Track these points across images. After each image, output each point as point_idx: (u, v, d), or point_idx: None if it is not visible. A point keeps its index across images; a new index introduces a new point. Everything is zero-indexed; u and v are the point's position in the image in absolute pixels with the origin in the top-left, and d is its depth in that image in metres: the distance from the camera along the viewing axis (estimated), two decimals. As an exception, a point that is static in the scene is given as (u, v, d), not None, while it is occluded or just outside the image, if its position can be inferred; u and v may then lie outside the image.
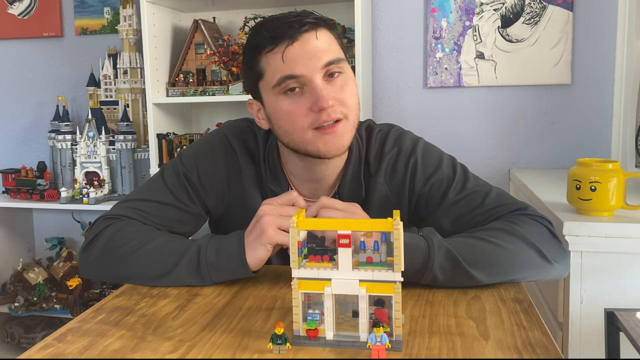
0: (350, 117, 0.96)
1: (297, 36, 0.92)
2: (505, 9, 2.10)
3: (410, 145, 1.07)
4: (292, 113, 0.94)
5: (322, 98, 0.91)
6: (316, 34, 0.93)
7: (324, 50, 0.93)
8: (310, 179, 1.06)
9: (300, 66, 0.92)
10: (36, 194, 2.26)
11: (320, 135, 0.94)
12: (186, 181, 1.05)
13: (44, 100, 2.59)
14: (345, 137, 0.96)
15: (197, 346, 0.71)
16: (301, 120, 0.94)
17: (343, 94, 0.94)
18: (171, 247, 0.93)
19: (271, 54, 0.94)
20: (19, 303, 2.33)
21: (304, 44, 0.92)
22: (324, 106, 0.91)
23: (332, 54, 0.94)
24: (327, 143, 0.94)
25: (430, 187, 1.03)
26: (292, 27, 0.92)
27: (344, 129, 0.95)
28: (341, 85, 0.95)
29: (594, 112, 2.07)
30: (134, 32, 2.32)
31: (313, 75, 0.92)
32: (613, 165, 1.27)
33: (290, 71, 0.92)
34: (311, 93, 0.92)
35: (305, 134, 0.95)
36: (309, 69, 0.92)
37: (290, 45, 0.92)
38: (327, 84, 0.94)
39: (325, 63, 0.93)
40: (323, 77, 0.93)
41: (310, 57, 0.92)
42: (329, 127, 0.93)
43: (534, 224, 0.94)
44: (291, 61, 0.92)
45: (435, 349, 0.68)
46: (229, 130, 1.10)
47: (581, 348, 1.29)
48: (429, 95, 2.21)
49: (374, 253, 0.69)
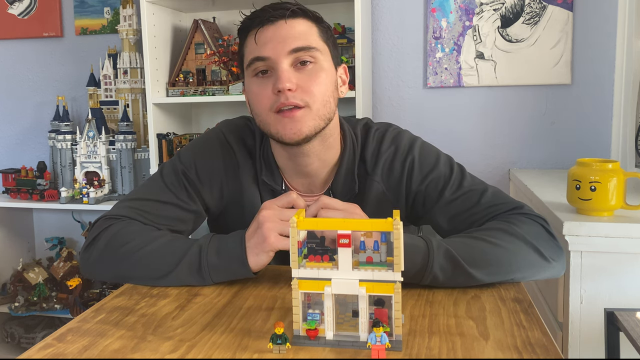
0: (314, 106, 0.96)
1: (270, 19, 0.96)
2: (505, 9, 2.10)
3: (407, 144, 1.07)
4: (258, 94, 0.97)
5: (280, 79, 0.93)
6: (289, 20, 0.96)
7: (295, 36, 0.95)
8: (299, 172, 1.06)
9: (268, 48, 0.95)
10: (36, 194, 2.27)
11: (280, 119, 0.96)
12: (185, 179, 1.06)
13: (44, 100, 2.59)
14: (305, 125, 0.96)
15: (197, 346, 0.71)
16: (265, 101, 0.97)
17: (309, 82, 0.96)
18: (172, 247, 0.94)
19: (249, 36, 0.98)
20: (19, 303, 2.33)
21: (276, 28, 0.96)
22: (281, 87, 0.93)
23: (304, 41, 0.96)
24: (285, 127, 0.96)
25: (427, 186, 1.04)
26: (267, 12, 0.96)
27: (302, 116, 0.96)
28: (310, 74, 0.97)
29: (594, 112, 2.07)
30: (134, 32, 2.32)
31: (278, 59, 0.94)
32: (613, 165, 1.27)
33: (259, 52, 0.96)
34: (275, 75, 0.95)
35: (268, 116, 0.97)
36: (276, 52, 0.95)
37: (262, 27, 0.96)
38: (295, 70, 0.96)
39: (293, 48, 0.95)
40: (293, 64, 0.96)
41: (280, 41, 0.95)
42: (288, 112, 0.95)
43: (531, 223, 0.94)
44: (262, 43, 0.96)
45: (435, 348, 0.68)
46: (226, 128, 1.11)
47: (581, 348, 1.29)
48: (429, 95, 2.21)
49: (374, 253, 0.69)
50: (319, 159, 1.04)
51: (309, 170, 1.05)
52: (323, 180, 1.07)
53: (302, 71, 0.96)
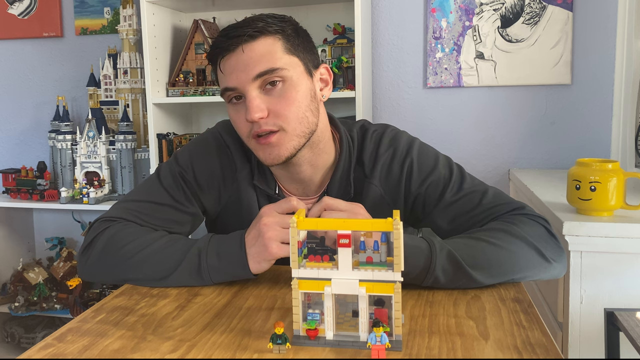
0: (288, 127, 0.95)
1: (230, 47, 0.94)
2: (505, 9, 2.10)
3: (405, 146, 1.06)
4: (236, 121, 0.98)
5: (250, 111, 0.93)
6: (245, 46, 0.93)
7: (257, 60, 0.93)
8: (293, 180, 1.06)
9: (233, 78, 0.94)
10: (36, 194, 2.27)
11: (259, 145, 0.97)
12: (182, 181, 1.05)
13: (44, 100, 2.59)
14: (283, 148, 0.96)
15: (197, 346, 0.71)
16: (243, 128, 0.97)
17: (279, 105, 0.94)
18: (171, 249, 0.93)
19: (219, 64, 0.97)
20: (19, 303, 2.33)
21: (238, 54, 0.94)
22: (250, 119, 0.93)
23: (266, 64, 0.92)
24: (264, 152, 0.97)
25: (426, 188, 1.04)
26: (224, 40, 0.94)
27: (279, 140, 0.95)
28: (279, 95, 0.94)
29: (594, 112, 2.07)
30: (134, 32, 2.32)
31: (244, 87, 0.93)
32: (613, 165, 1.27)
33: (227, 83, 0.95)
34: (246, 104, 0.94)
35: (249, 142, 0.99)
36: (241, 81, 0.93)
37: (223, 57, 0.95)
38: (264, 93, 0.94)
39: (256, 74, 0.93)
40: (261, 87, 0.94)
41: (242, 69, 0.93)
42: (264, 138, 0.95)
43: (532, 224, 0.94)
44: (228, 73, 0.95)
45: (435, 348, 0.68)
46: (223, 129, 1.11)
47: (581, 348, 1.29)
48: (429, 95, 2.21)
49: (374, 253, 0.69)
50: (310, 166, 1.04)
51: (302, 177, 1.05)
52: (317, 184, 1.07)
53: (271, 93, 0.94)
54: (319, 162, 1.04)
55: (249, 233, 0.91)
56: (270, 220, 0.88)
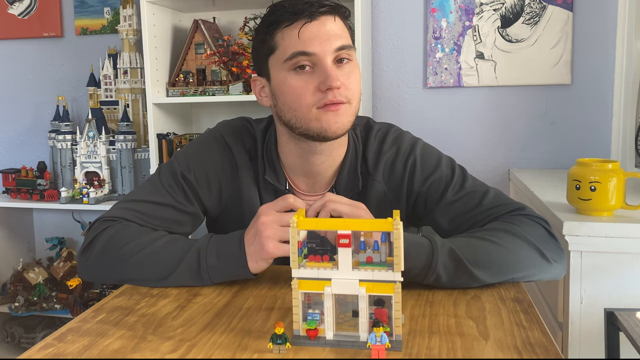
0: (353, 102, 0.98)
1: (316, 16, 0.95)
2: (505, 9, 2.10)
3: (409, 145, 1.07)
4: (299, 89, 0.96)
5: (332, 77, 0.93)
6: (335, 17, 0.97)
7: (338, 35, 0.96)
8: (306, 171, 1.06)
9: (315, 45, 0.94)
10: (36, 194, 2.27)
11: (324, 113, 0.96)
12: (183, 181, 1.05)
13: (44, 100, 2.59)
14: (346, 120, 0.97)
15: (197, 346, 0.71)
16: (308, 97, 0.96)
17: (349, 80, 0.97)
18: (170, 249, 0.93)
19: (288, 29, 0.96)
20: (19, 303, 2.33)
21: (321, 24, 0.95)
22: (332, 85, 0.93)
23: (345, 39, 0.97)
24: (329, 120, 0.96)
25: (428, 187, 1.04)
26: (312, 7, 0.95)
27: (345, 111, 0.97)
28: (348, 71, 0.98)
29: (594, 112, 2.07)
30: (134, 32, 2.32)
31: (325, 56, 0.95)
32: (613, 165, 1.27)
33: (304, 47, 0.94)
34: (320, 72, 0.95)
35: (310, 112, 0.96)
36: (323, 49, 0.94)
37: (309, 23, 0.95)
38: (335, 67, 0.96)
39: (338, 47, 0.95)
40: (333, 61, 0.96)
41: (326, 38, 0.95)
42: (333, 106, 0.95)
43: (532, 224, 0.95)
44: (307, 38, 0.95)
45: (435, 348, 0.68)
46: (224, 129, 1.11)
47: (581, 348, 1.29)
48: (429, 95, 2.21)
49: (374, 253, 0.69)
50: (329, 157, 1.04)
51: (319, 169, 1.05)
52: (328, 179, 1.07)
53: (341, 68, 0.97)
54: (336, 154, 1.05)
55: (247, 232, 0.91)
56: (267, 219, 0.88)
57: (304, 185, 1.08)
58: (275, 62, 0.98)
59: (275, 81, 0.99)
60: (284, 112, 0.99)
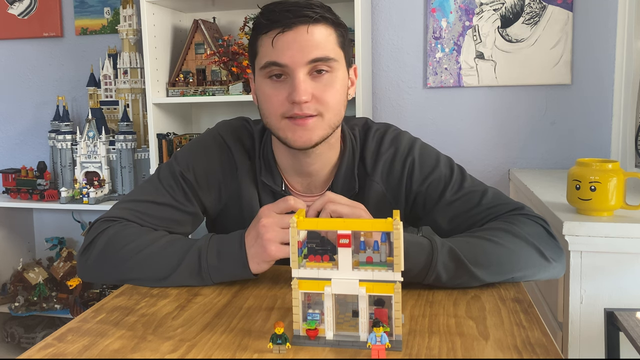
0: (326, 115, 0.96)
1: (291, 25, 0.93)
2: (505, 9, 2.10)
3: (407, 145, 1.07)
4: (271, 97, 0.96)
5: (298, 92, 0.92)
6: (310, 27, 0.93)
7: (315, 45, 0.93)
8: (300, 172, 1.06)
9: (286, 56, 0.93)
10: (36, 194, 2.27)
11: (291, 125, 0.96)
12: (182, 180, 1.05)
13: (44, 100, 2.59)
14: (315, 134, 0.96)
15: (197, 346, 0.71)
16: (277, 106, 0.96)
17: (324, 93, 0.95)
18: (171, 249, 0.93)
19: (265, 36, 0.95)
20: (19, 303, 2.33)
21: (296, 34, 0.93)
22: (297, 100, 0.93)
23: (322, 51, 0.94)
24: (295, 134, 0.96)
25: (427, 187, 1.04)
26: (288, 16, 0.93)
27: (315, 125, 0.96)
28: (325, 84, 0.96)
29: (594, 112, 2.07)
30: (134, 32, 2.32)
31: (296, 68, 0.93)
32: (613, 165, 1.27)
33: (276, 58, 0.94)
34: (291, 83, 0.94)
35: (278, 121, 0.97)
36: (294, 61, 0.93)
37: (281, 33, 0.93)
38: (310, 79, 0.95)
39: (311, 59, 0.93)
40: (309, 72, 0.94)
41: (299, 49, 0.93)
42: (300, 120, 0.95)
43: (531, 224, 0.95)
44: (279, 49, 0.93)
45: (435, 348, 0.68)
46: (223, 128, 1.11)
47: (581, 348, 1.29)
48: (429, 95, 2.21)
49: (374, 253, 0.69)
50: (321, 159, 1.04)
51: (311, 170, 1.05)
52: (323, 179, 1.07)
53: (317, 80, 0.95)
54: (328, 156, 1.05)
55: (249, 233, 0.91)
56: (269, 221, 0.88)
57: (299, 185, 1.08)
58: (257, 66, 0.99)
59: (257, 84, 1.01)
60: (261, 115, 1.02)
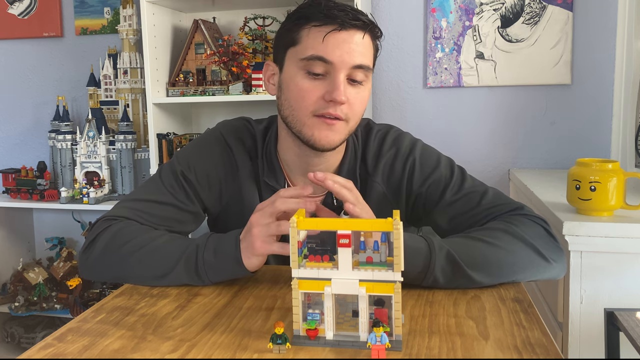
0: (351, 121, 0.98)
1: (347, 26, 0.93)
2: (505, 9, 2.10)
3: (408, 146, 1.07)
4: (305, 92, 0.96)
5: (339, 91, 0.93)
6: (364, 34, 0.95)
7: (361, 52, 0.95)
8: (303, 170, 1.06)
9: (336, 54, 0.93)
10: (36, 194, 2.26)
11: (319, 123, 0.96)
12: (184, 180, 1.06)
13: (44, 100, 2.59)
14: (338, 137, 0.97)
15: (197, 346, 0.71)
16: (310, 102, 0.95)
17: (355, 99, 0.97)
18: (170, 247, 0.94)
19: (316, 29, 0.94)
20: (19, 303, 2.33)
21: (349, 36, 0.94)
22: (337, 99, 0.93)
23: (366, 59, 0.96)
24: (321, 133, 0.96)
25: (427, 187, 1.04)
26: (347, 16, 0.93)
27: (340, 128, 0.97)
28: (358, 92, 0.97)
29: (594, 112, 2.07)
30: (134, 32, 2.32)
31: (341, 68, 0.94)
32: (613, 165, 1.27)
33: (324, 53, 0.93)
34: (331, 82, 0.94)
35: (307, 117, 0.96)
36: (342, 60, 0.93)
37: (337, 31, 0.93)
38: (347, 83, 0.95)
39: (357, 64, 0.94)
40: (347, 76, 0.95)
41: (347, 51, 0.93)
42: (330, 120, 0.95)
43: (531, 224, 0.95)
44: (330, 45, 0.93)
45: (435, 348, 0.68)
46: (224, 128, 1.11)
47: (581, 348, 1.29)
48: (429, 95, 2.21)
49: (374, 253, 0.69)
50: (327, 161, 1.05)
51: (316, 170, 1.05)
52: None
53: (352, 87, 0.96)
54: (334, 157, 1.06)
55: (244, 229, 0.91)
56: (256, 217, 0.88)
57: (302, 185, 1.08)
58: (293, 55, 0.97)
59: (286, 74, 0.99)
60: (284, 107, 1.00)
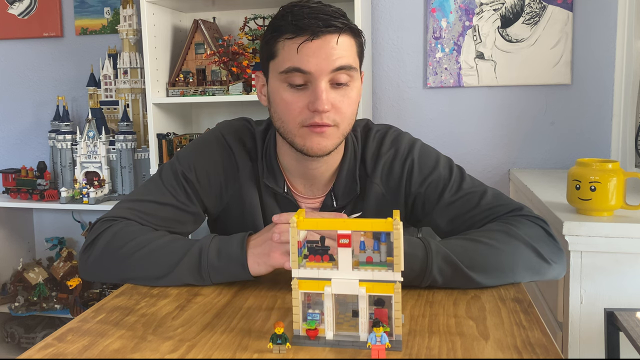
0: (341, 126, 0.97)
1: (319, 34, 0.92)
2: (505, 9, 2.10)
3: (407, 146, 1.07)
4: (289, 104, 0.96)
5: (321, 101, 0.92)
6: (338, 38, 0.93)
7: (340, 54, 0.93)
8: (304, 174, 1.06)
9: (312, 63, 0.92)
10: (36, 194, 2.26)
11: (309, 132, 0.96)
12: (184, 180, 1.06)
13: (44, 100, 2.59)
14: (330, 142, 0.97)
15: (197, 346, 0.71)
16: (296, 114, 0.95)
17: (342, 103, 0.95)
18: (172, 247, 0.94)
19: (289, 41, 0.94)
20: (19, 303, 2.33)
21: (323, 42, 0.93)
22: (319, 109, 0.92)
23: (346, 59, 0.94)
24: (312, 141, 0.96)
25: (426, 188, 1.04)
26: (318, 24, 0.92)
27: (330, 134, 0.96)
28: (343, 94, 0.96)
29: (594, 112, 2.07)
30: (134, 32, 2.32)
31: (320, 76, 0.93)
32: (613, 165, 1.27)
33: (300, 64, 0.93)
34: (312, 92, 0.93)
35: (296, 128, 0.96)
36: (319, 69, 0.92)
37: (309, 41, 0.92)
38: (330, 88, 0.94)
39: (336, 67, 0.93)
40: (329, 81, 0.94)
41: (324, 58, 0.92)
42: (318, 127, 0.95)
43: (530, 225, 0.94)
44: (305, 55, 0.92)
45: (435, 348, 0.68)
46: (225, 129, 1.11)
47: (581, 348, 1.29)
48: (429, 95, 2.21)
49: (374, 253, 0.69)
50: (326, 163, 1.05)
51: (315, 173, 1.05)
52: (326, 181, 1.07)
53: (337, 90, 0.95)
54: (333, 160, 1.05)
55: (258, 235, 0.92)
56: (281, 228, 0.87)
57: (301, 187, 1.08)
58: (273, 68, 0.98)
59: (271, 87, 0.99)
60: (274, 119, 1.01)
